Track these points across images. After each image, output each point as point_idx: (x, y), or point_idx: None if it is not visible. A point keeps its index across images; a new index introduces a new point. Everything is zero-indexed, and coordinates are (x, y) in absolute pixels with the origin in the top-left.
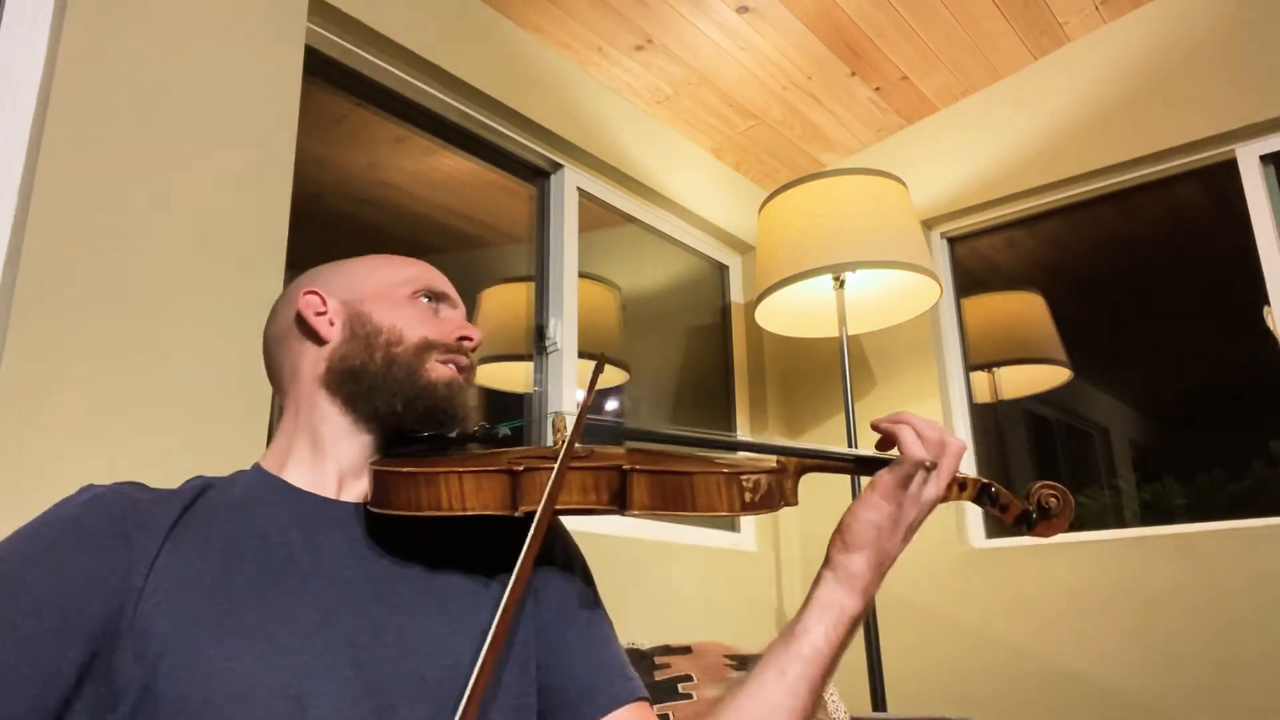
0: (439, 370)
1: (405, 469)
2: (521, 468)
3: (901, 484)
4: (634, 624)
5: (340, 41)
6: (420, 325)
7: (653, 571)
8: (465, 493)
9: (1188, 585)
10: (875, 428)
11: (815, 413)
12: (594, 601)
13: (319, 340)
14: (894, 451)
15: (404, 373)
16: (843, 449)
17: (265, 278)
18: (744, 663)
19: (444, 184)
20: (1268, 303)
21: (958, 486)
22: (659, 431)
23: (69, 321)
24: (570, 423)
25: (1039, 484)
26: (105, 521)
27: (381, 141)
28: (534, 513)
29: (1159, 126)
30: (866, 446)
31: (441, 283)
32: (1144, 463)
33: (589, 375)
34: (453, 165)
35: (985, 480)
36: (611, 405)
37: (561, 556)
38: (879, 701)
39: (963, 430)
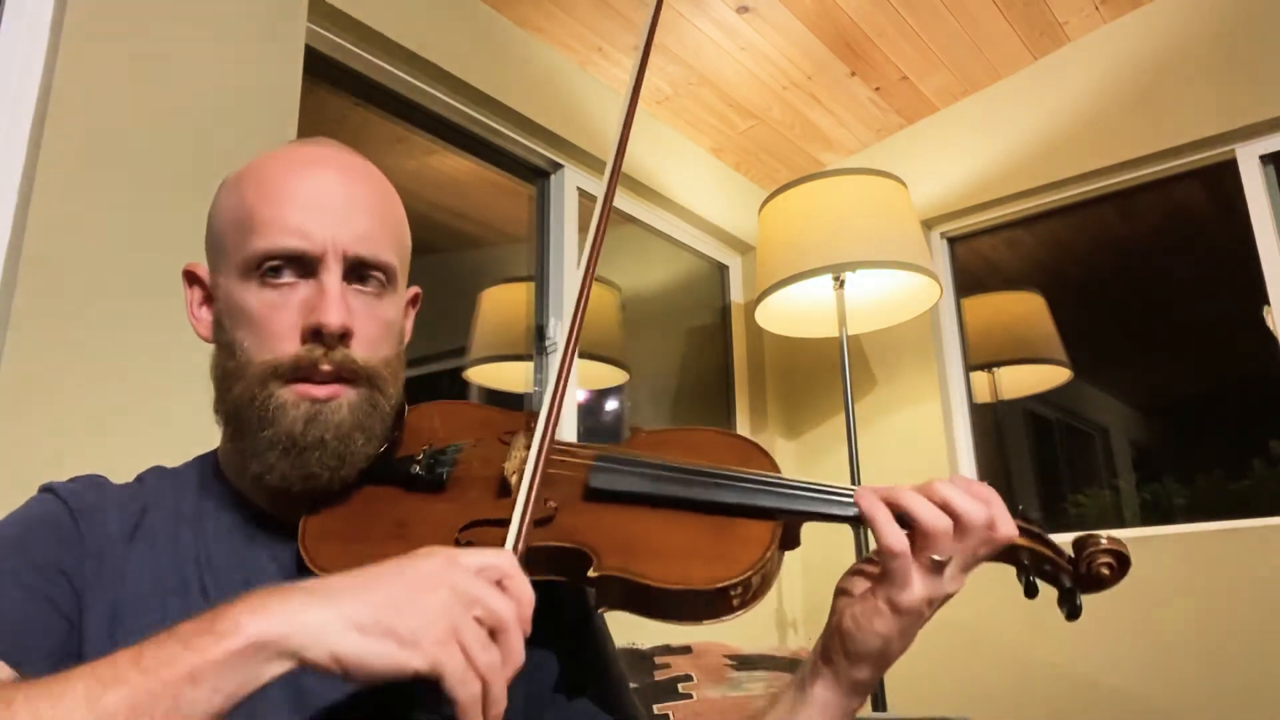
0: (288, 401)
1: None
2: (466, 541)
3: (921, 586)
4: (634, 624)
5: (340, 41)
6: (263, 332)
7: None
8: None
9: (1188, 585)
10: (886, 500)
11: (815, 413)
12: (594, 617)
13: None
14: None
15: (253, 420)
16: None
17: None
18: (744, 663)
19: (444, 184)
20: (1268, 303)
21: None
22: (635, 458)
23: (69, 321)
24: (536, 435)
25: (1089, 547)
26: (66, 517)
27: (381, 141)
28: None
29: (1159, 126)
30: (866, 460)
31: (292, 230)
32: (1144, 463)
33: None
34: (453, 165)
35: (1041, 555)
36: (611, 405)
37: (572, 618)
38: (879, 701)
39: (962, 430)
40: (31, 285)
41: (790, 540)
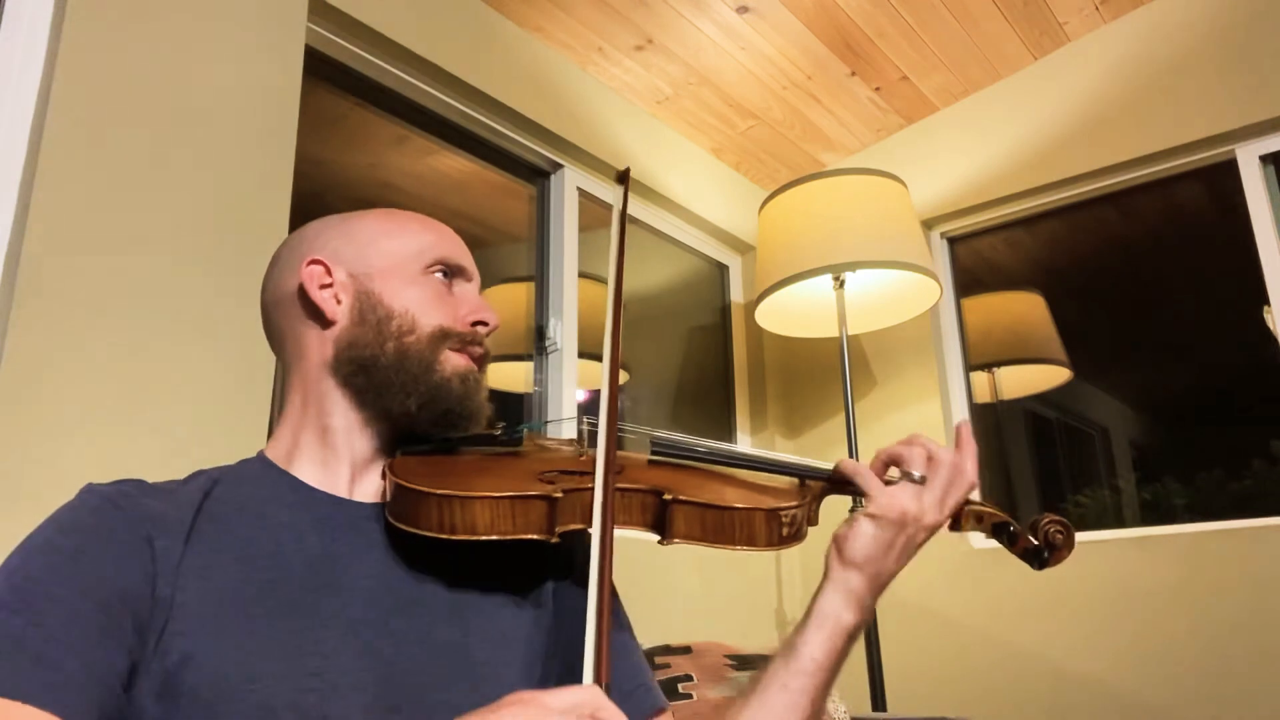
0: (453, 362)
1: (435, 490)
2: (559, 494)
3: (897, 500)
4: (634, 624)
5: (340, 41)
6: (434, 308)
7: (653, 571)
8: (499, 518)
9: (1188, 585)
10: (882, 455)
11: (815, 413)
12: (614, 611)
13: (324, 321)
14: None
15: (417, 368)
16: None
17: None
18: (744, 663)
19: (444, 184)
20: (1268, 303)
21: (974, 518)
22: (685, 444)
23: (69, 321)
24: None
25: (1045, 519)
26: (125, 528)
27: (381, 141)
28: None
29: (1159, 126)
30: (867, 460)
31: (457, 252)
32: (1144, 463)
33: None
34: (453, 165)
35: (1004, 518)
36: None
37: (582, 565)
38: (879, 701)
39: None
40: (31, 285)
41: (815, 515)
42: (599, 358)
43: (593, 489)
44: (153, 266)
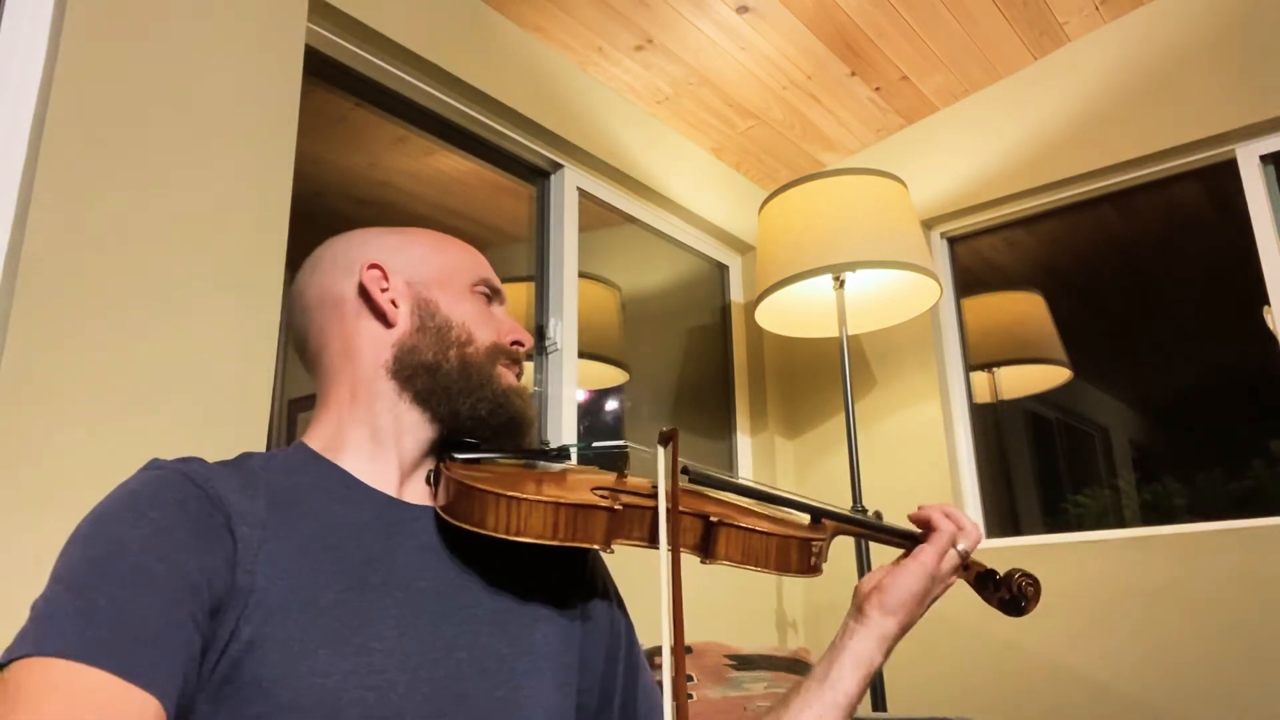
0: (507, 377)
1: (502, 491)
2: (619, 506)
3: (938, 558)
4: (635, 624)
5: (340, 41)
6: (484, 325)
7: (652, 572)
8: (561, 524)
9: (1188, 585)
10: (913, 518)
11: (815, 413)
12: (630, 629)
13: (385, 321)
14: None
15: (481, 378)
16: (884, 523)
17: (265, 277)
18: (744, 663)
19: (444, 184)
20: (1268, 303)
21: (962, 567)
22: (718, 477)
23: (69, 320)
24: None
25: (1017, 574)
26: (207, 509)
27: (381, 141)
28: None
29: (1159, 126)
30: (866, 460)
31: (493, 276)
32: (1144, 463)
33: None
34: (453, 165)
35: (987, 567)
36: (611, 405)
37: (602, 586)
38: (879, 701)
39: (962, 430)
40: (31, 285)
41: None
42: (599, 358)
43: (645, 508)
44: (153, 266)
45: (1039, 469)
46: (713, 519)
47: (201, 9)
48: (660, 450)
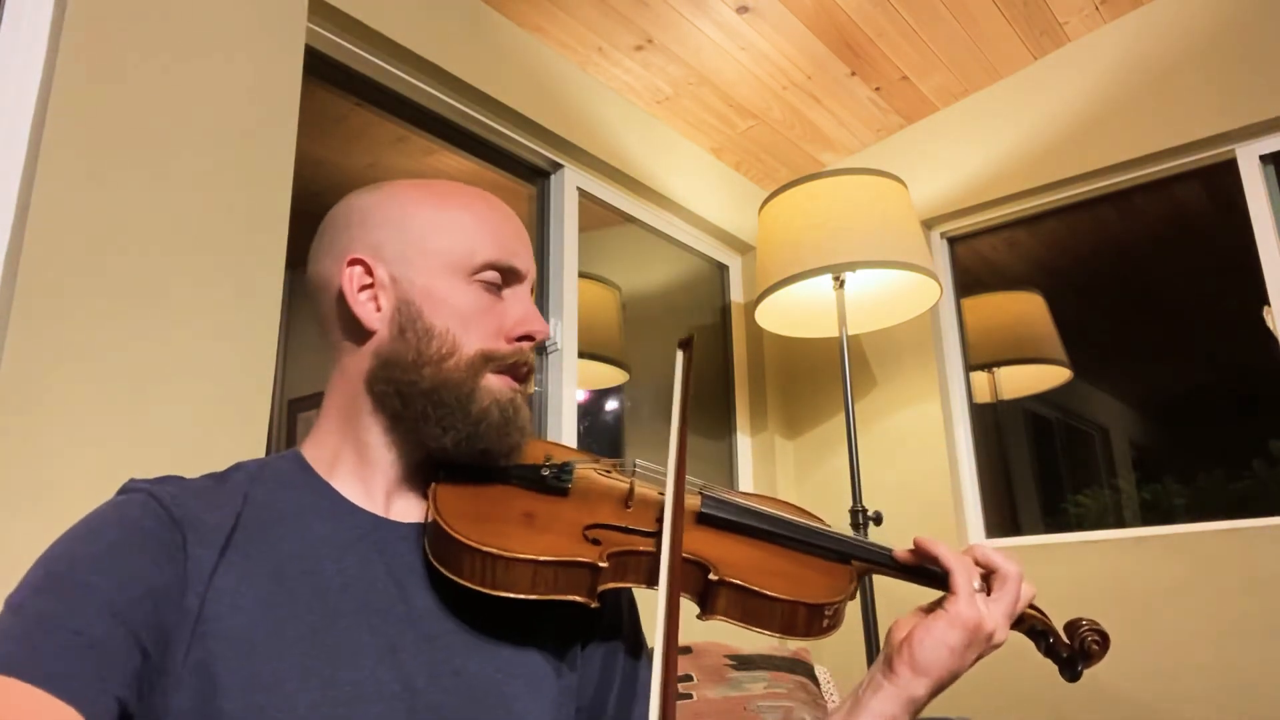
0: (494, 388)
1: (480, 545)
2: (604, 563)
3: (975, 607)
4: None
5: (340, 41)
6: (477, 325)
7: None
8: (540, 581)
9: (1188, 585)
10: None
11: (815, 413)
12: (639, 645)
13: (363, 331)
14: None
15: (454, 398)
16: (921, 565)
17: (265, 278)
18: (744, 663)
19: None
20: (1268, 303)
21: (1021, 622)
22: (735, 520)
23: (69, 321)
24: (656, 475)
25: (1084, 625)
26: (164, 528)
27: (381, 141)
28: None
29: (1159, 126)
30: (866, 461)
31: (509, 250)
32: (1144, 463)
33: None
34: (453, 165)
35: (1047, 626)
36: (611, 405)
37: (613, 596)
38: None
39: (962, 430)
40: (31, 285)
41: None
42: (599, 358)
43: (640, 551)
44: (153, 266)
45: (1039, 469)
46: (711, 576)
47: (201, 9)
48: (679, 354)
